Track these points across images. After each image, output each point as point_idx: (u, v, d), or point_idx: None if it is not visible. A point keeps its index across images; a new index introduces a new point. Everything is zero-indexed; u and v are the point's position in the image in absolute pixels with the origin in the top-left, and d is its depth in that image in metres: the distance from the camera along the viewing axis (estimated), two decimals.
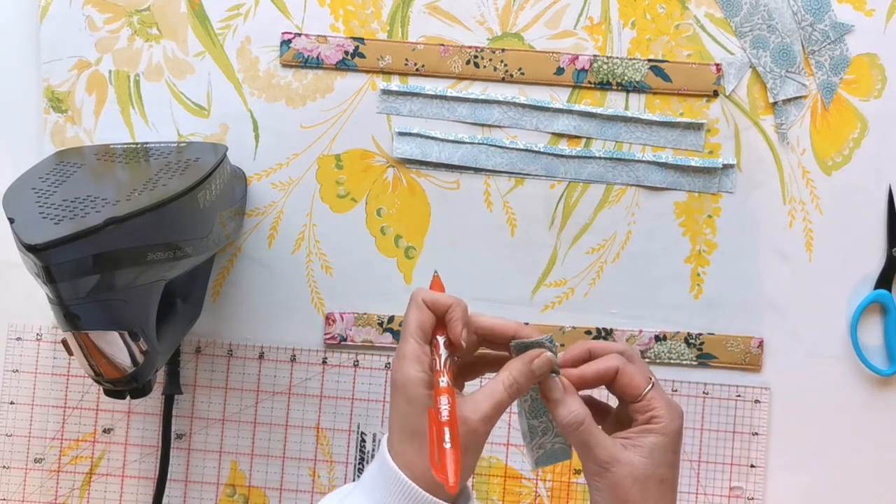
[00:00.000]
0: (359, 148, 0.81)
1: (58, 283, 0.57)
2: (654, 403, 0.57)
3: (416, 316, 0.56)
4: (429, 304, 0.57)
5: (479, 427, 0.54)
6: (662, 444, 0.56)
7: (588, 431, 0.56)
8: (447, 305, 0.56)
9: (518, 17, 0.80)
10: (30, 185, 0.66)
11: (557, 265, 0.81)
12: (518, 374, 0.55)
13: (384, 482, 0.54)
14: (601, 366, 0.58)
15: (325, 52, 0.80)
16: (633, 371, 0.58)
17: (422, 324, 0.56)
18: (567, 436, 0.57)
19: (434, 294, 0.57)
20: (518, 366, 0.56)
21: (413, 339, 0.55)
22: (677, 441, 0.57)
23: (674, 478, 0.57)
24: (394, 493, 0.53)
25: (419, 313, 0.56)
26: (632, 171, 0.80)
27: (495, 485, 0.81)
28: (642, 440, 0.56)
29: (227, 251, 0.81)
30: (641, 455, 0.56)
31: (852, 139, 0.80)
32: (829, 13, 0.80)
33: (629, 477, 0.55)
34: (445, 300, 0.57)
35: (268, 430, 0.81)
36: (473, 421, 0.54)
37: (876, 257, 0.81)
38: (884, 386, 0.81)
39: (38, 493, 0.81)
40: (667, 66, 0.80)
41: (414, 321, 0.56)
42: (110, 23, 0.80)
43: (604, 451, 0.55)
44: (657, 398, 0.57)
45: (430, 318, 0.56)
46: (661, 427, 0.56)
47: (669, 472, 0.56)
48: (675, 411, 0.57)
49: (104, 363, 0.62)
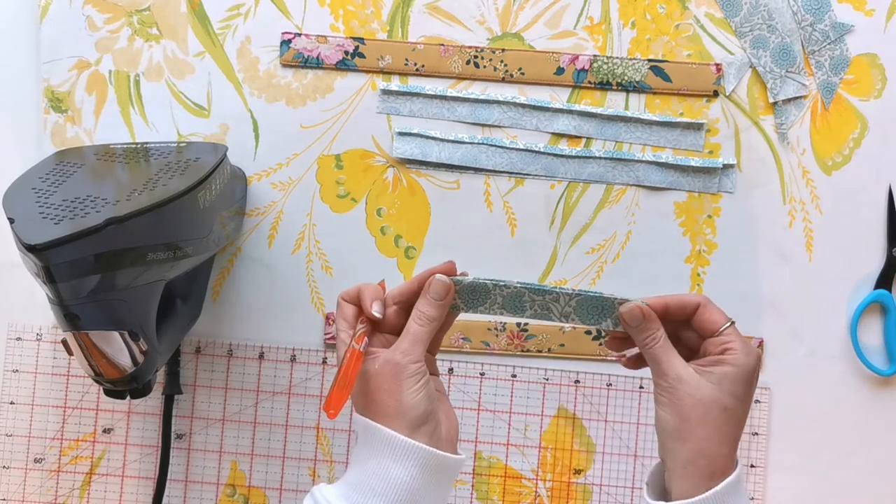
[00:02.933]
0: (359, 148, 0.81)
1: (58, 283, 0.57)
2: (730, 339, 0.60)
3: (339, 312, 0.64)
4: (346, 297, 0.64)
5: (400, 359, 0.60)
6: (732, 374, 0.59)
7: (662, 349, 0.61)
8: (357, 291, 0.64)
9: (518, 17, 0.80)
10: (30, 185, 0.66)
11: (557, 265, 0.81)
12: (422, 306, 0.62)
13: (360, 437, 0.60)
14: (684, 299, 0.62)
15: (325, 52, 0.80)
16: (714, 308, 0.62)
17: (344, 316, 0.63)
18: (644, 351, 0.62)
19: (349, 289, 0.64)
20: (420, 299, 0.63)
21: (340, 330, 0.63)
22: (748, 376, 0.60)
23: (740, 411, 0.60)
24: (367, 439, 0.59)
25: (340, 309, 0.64)
26: (632, 171, 0.80)
27: (495, 485, 0.81)
28: (713, 368, 0.60)
29: (227, 251, 0.81)
30: (708, 380, 0.59)
31: (852, 139, 0.80)
32: (829, 13, 0.80)
33: (691, 397, 0.59)
34: (354, 288, 0.64)
35: (268, 430, 0.81)
36: (394, 357, 0.60)
37: (876, 257, 0.81)
38: (884, 386, 0.81)
39: (38, 493, 0.81)
40: (667, 66, 0.80)
41: (339, 317, 0.64)
42: (110, 23, 0.80)
43: (672, 368, 0.60)
44: (734, 335, 0.61)
45: (351, 308, 0.63)
46: (732, 359, 0.59)
47: (735, 402, 0.59)
48: (750, 349, 0.60)
49: (104, 363, 0.62)
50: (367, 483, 0.58)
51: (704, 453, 0.58)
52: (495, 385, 0.81)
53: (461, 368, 0.81)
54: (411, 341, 0.61)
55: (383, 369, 0.60)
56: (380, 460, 0.58)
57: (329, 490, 0.59)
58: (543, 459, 0.81)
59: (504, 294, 0.63)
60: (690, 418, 0.59)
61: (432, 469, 0.59)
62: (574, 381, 0.81)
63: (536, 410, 0.81)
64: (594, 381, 0.81)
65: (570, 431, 0.81)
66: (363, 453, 0.60)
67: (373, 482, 0.58)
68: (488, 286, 0.63)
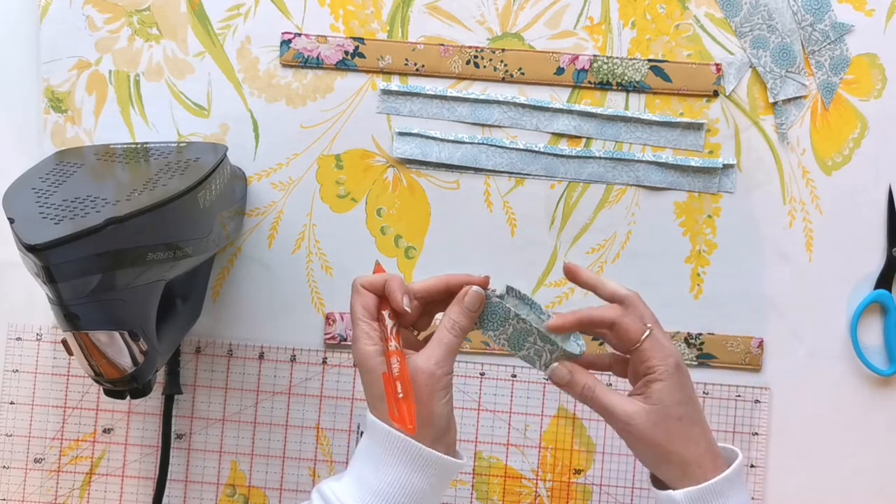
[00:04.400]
0: (359, 148, 0.81)
1: (58, 283, 0.57)
2: (646, 354, 0.61)
3: (357, 300, 0.61)
4: (366, 286, 0.62)
5: (435, 370, 0.59)
6: (664, 387, 0.60)
7: (602, 398, 0.61)
8: (383, 281, 0.62)
9: (518, 17, 0.80)
10: (30, 185, 0.66)
11: (557, 265, 0.81)
12: (456, 315, 0.61)
13: (378, 442, 0.59)
14: (597, 314, 0.62)
15: (325, 52, 0.80)
16: (628, 324, 0.62)
17: (365, 305, 0.61)
18: (587, 404, 0.62)
19: (369, 276, 0.62)
20: (454, 308, 0.61)
21: (360, 320, 0.61)
22: (679, 378, 0.61)
23: (691, 411, 0.61)
24: (389, 448, 0.58)
25: (360, 297, 0.62)
26: (632, 171, 0.80)
27: (495, 485, 0.81)
28: (647, 390, 0.61)
29: (227, 251, 0.81)
30: (651, 403, 0.60)
31: (852, 139, 0.80)
32: (829, 13, 0.80)
33: (648, 425, 0.60)
34: (380, 278, 0.62)
35: (268, 430, 0.81)
36: (430, 367, 0.59)
37: (876, 257, 0.81)
38: (884, 386, 0.81)
39: (38, 493, 0.81)
40: (667, 66, 0.80)
41: (357, 305, 0.61)
42: (110, 23, 0.80)
43: (620, 410, 0.61)
44: (650, 347, 0.61)
45: (372, 298, 0.62)
46: (657, 373, 0.61)
47: (683, 408, 0.61)
48: (666, 352, 0.61)
49: (104, 363, 0.62)
50: (385, 490, 0.58)
51: (691, 461, 0.60)
52: (495, 385, 0.81)
53: (461, 368, 0.81)
54: (446, 352, 0.60)
55: (417, 378, 0.59)
56: (401, 470, 0.58)
57: (341, 490, 0.59)
58: (543, 459, 0.81)
59: (516, 327, 0.62)
60: (659, 444, 0.60)
61: (448, 477, 0.60)
62: None
63: (536, 410, 0.81)
64: None
65: (570, 431, 0.81)
66: (380, 456, 0.59)
67: (392, 490, 0.58)
68: (509, 313, 0.62)
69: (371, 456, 0.60)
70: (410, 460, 0.58)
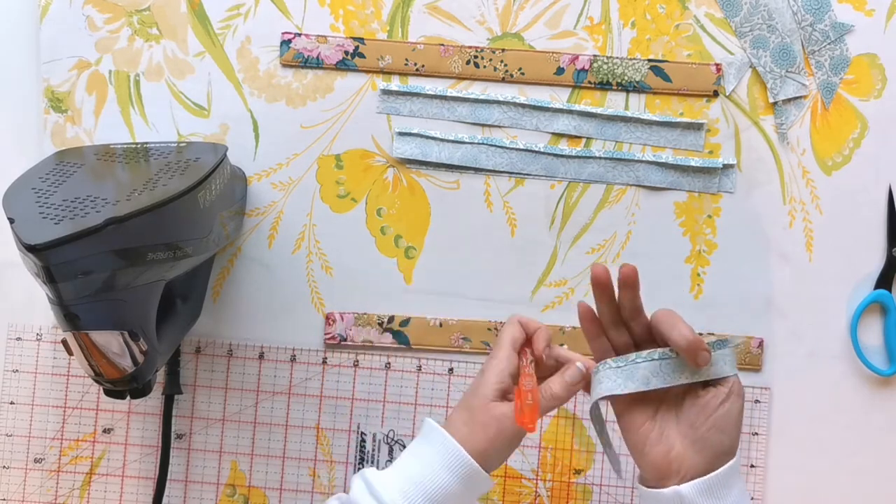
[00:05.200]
0: (359, 148, 0.81)
1: (58, 283, 0.57)
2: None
3: (510, 330, 0.67)
4: (523, 323, 0.68)
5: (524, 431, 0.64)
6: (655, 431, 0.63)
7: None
8: (536, 327, 0.68)
9: (518, 17, 0.80)
10: (30, 185, 0.65)
11: (557, 265, 0.81)
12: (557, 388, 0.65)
13: (431, 443, 0.63)
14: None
15: (325, 52, 0.80)
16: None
17: (514, 337, 0.66)
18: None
19: (527, 318, 0.68)
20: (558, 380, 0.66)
21: (507, 345, 0.66)
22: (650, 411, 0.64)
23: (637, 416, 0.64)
24: (440, 451, 0.62)
25: (514, 329, 0.67)
26: (632, 171, 0.80)
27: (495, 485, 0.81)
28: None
29: (227, 251, 0.81)
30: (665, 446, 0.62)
31: (852, 139, 0.80)
32: (829, 13, 0.80)
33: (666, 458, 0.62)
34: (535, 323, 0.68)
35: (268, 430, 0.81)
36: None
37: (876, 257, 0.81)
38: (884, 386, 0.81)
39: (38, 493, 0.81)
40: (667, 66, 0.80)
41: (508, 334, 0.67)
42: (110, 23, 0.80)
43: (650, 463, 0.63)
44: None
45: (522, 334, 0.67)
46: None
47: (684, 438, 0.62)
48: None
49: (104, 363, 0.62)
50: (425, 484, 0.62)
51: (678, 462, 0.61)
52: None
53: (461, 368, 0.81)
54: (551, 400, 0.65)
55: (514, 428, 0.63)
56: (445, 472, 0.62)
57: (385, 477, 0.62)
58: (543, 459, 0.81)
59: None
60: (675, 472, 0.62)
61: (478, 491, 0.64)
62: None
63: None
64: None
65: (570, 431, 0.81)
66: (428, 458, 0.63)
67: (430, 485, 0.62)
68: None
69: (418, 454, 0.63)
70: (457, 465, 0.62)
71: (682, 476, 0.60)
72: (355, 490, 0.62)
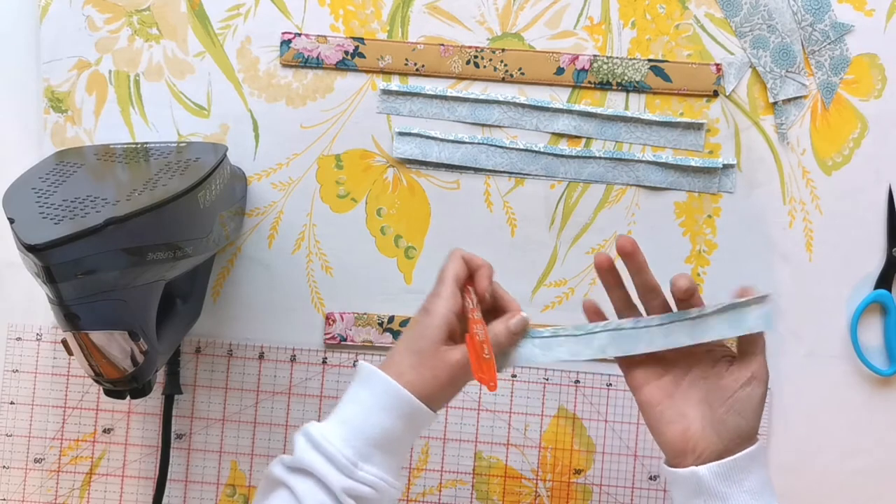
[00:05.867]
0: (359, 148, 0.81)
1: (58, 283, 0.57)
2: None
3: (454, 266, 0.65)
4: (466, 259, 0.66)
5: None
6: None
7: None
8: (480, 263, 0.66)
9: (518, 17, 0.80)
10: (30, 185, 0.66)
11: (557, 265, 0.81)
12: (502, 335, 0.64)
13: (372, 388, 0.62)
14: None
15: (325, 52, 0.80)
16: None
17: (458, 273, 0.64)
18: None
19: (470, 253, 0.66)
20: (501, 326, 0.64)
21: (451, 283, 0.64)
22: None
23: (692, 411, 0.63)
24: (381, 394, 0.61)
25: (457, 264, 0.65)
26: (632, 171, 0.80)
27: (495, 485, 0.81)
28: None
29: (227, 251, 0.81)
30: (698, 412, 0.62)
31: (852, 139, 0.80)
32: (829, 13, 0.80)
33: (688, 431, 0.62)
34: (479, 259, 0.66)
35: (268, 430, 0.81)
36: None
37: (876, 257, 0.81)
38: (884, 386, 0.81)
39: (38, 493, 0.81)
40: (667, 66, 0.80)
41: (452, 270, 0.65)
42: (110, 23, 0.80)
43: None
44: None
45: (465, 271, 0.65)
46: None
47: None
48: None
49: (104, 363, 0.62)
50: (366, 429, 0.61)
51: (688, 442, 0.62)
52: None
53: None
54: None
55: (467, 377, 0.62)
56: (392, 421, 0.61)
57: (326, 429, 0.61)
58: (543, 459, 0.81)
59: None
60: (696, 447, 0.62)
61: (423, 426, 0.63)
62: (574, 381, 0.81)
63: (536, 410, 0.81)
64: (594, 382, 0.81)
65: (570, 431, 0.81)
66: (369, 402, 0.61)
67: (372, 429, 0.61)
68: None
69: (358, 400, 0.62)
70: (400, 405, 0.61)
71: (697, 455, 0.60)
72: (299, 447, 0.61)
